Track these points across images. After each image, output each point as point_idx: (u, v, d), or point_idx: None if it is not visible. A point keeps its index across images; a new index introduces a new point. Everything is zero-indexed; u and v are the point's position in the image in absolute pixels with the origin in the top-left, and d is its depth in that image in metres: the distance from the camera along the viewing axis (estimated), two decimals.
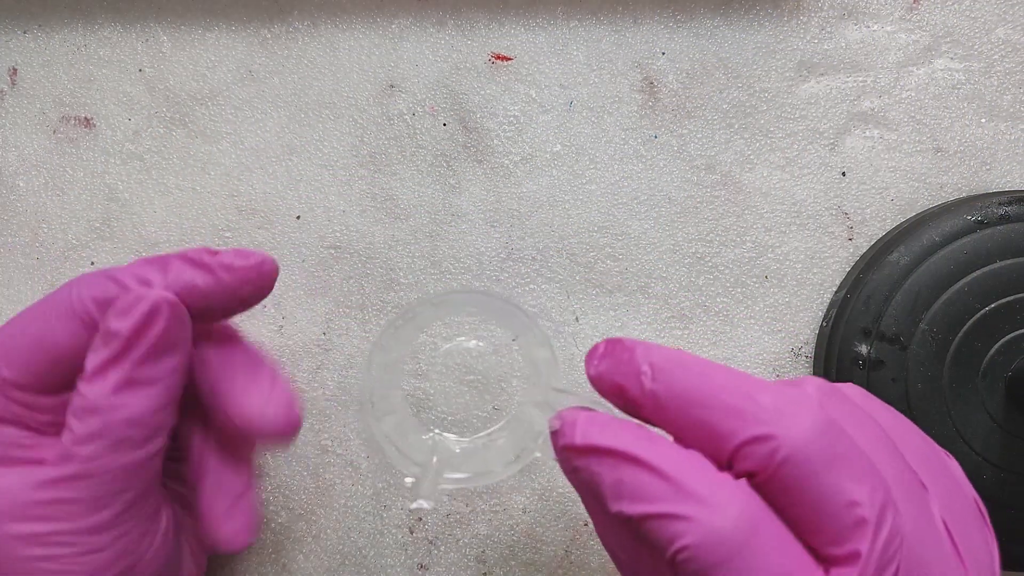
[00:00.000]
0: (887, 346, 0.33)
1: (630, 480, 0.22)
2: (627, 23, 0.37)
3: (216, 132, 0.37)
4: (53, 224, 0.37)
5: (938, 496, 0.23)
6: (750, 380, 0.22)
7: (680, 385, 0.22)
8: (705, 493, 0.21)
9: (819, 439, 0.21)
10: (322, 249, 0.36)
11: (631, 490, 0.21)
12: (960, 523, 0.23)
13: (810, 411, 0.21)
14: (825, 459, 0.20)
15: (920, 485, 0.23)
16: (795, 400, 0.21)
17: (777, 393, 0.21)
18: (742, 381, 0.22)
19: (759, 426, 0.21)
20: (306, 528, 0.35)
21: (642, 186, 0.37)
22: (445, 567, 0.35)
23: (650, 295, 0.36)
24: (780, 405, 0.21)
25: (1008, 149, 0.36)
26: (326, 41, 0.37)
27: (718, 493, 0.21)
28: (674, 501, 0.21)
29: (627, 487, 0.22)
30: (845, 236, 0.36)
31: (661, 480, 0.21)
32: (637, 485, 0.21)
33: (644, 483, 0.21)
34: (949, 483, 0.24)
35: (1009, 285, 0.33)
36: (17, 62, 0.38)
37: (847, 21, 0.37)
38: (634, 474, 0.22)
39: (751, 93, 0.37)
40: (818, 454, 0.20)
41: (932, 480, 0.23)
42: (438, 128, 0.37)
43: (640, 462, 0.22)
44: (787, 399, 0.21)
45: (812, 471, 0.20)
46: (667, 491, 0.21)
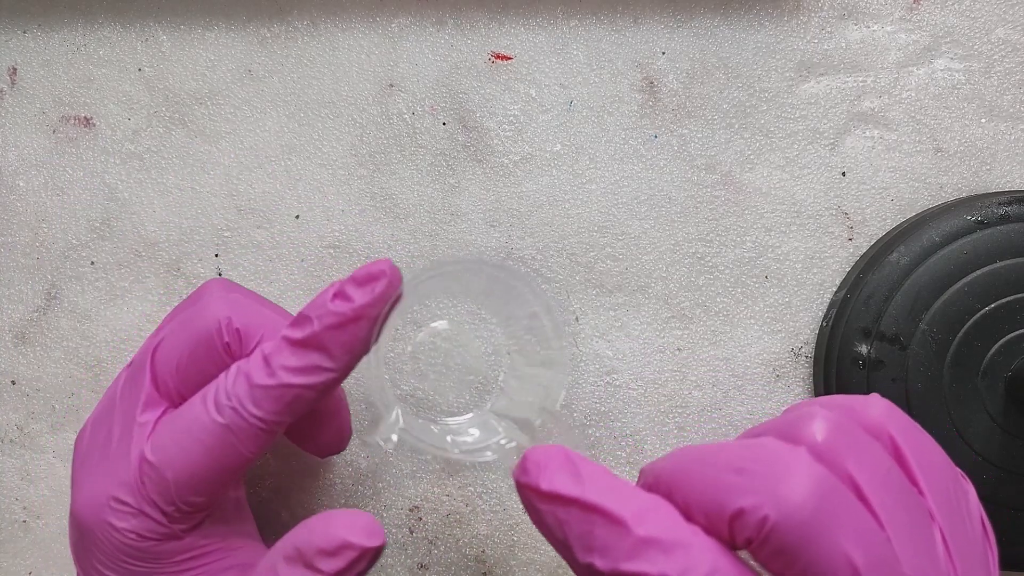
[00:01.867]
0: (887, 346, 0.33)
1: (601, 534, 0.21)
2: (627, 23, 0.37)
3: (215, 132, 0.37)
4: (53, 224, 0.37)
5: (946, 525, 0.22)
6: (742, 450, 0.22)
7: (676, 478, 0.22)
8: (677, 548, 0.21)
9: (809, 502, 0.20)
10: (321, 249, 0.36)
11: (601, 545, 0.21)
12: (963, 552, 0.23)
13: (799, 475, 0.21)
14: (815, 522, 0.20)
15: (927, 519, 0.22)
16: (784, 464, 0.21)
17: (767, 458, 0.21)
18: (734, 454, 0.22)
19: (747, 497, 0.20)
20: None
21: (642, 186, 0.37)
22: (445, 567, 0.35)
23: (650, 295, 0.36)
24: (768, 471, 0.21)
25: (1008, 149, 0.36)
26: (326, 40, 0.37)
27: (690, 547, 0.21)
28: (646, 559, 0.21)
29: (598, 542, 0.21)
30: (845, 236, 0.36)
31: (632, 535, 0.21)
32: (607, 540, 0.21)
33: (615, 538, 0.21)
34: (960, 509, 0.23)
35: (1009, 285, 0.33)
36: (17, 62, 0.38)
37: (847, 21, 0.37)
38: (604, 528, 0.21)
39: (751, 93, 0.37)
40: (808, 518, 0.20)
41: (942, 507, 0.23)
42: (438, 128, 0.37)
43: (609, 515, 0.21)
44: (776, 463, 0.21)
45: (803, 536, 0.20)
46: (638, 547, 0.21)
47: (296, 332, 0.26)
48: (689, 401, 0.36)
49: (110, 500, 0.27)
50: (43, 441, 0.36)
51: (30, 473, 0.36)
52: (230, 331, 0.28)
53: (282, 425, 0.27)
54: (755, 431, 0.24)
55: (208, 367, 0.28)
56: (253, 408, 0.26)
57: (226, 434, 0.26)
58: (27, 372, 0.36)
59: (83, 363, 0.36)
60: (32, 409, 0.36)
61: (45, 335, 0.36)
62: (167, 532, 0.27)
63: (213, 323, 0.28)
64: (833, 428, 0.22)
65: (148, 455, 0.26)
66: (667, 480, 0.22)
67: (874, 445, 0.23)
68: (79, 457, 0.29)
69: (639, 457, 0.35)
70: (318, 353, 0.26)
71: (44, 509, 0.36)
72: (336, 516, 0.26)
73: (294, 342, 0.26)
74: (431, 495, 0.35)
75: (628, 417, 0.35)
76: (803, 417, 0.23)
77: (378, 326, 0.26)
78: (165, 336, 0.28)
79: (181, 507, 0.26)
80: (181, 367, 0.28)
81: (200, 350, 0.28)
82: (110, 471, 0.27)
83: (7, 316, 0.37)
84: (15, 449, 0.36)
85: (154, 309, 0.36)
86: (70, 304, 0.36)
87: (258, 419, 0.26)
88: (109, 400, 0.29)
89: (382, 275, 0.26)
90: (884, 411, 0.24)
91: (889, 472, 0.22)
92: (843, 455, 0.22)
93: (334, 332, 0.25)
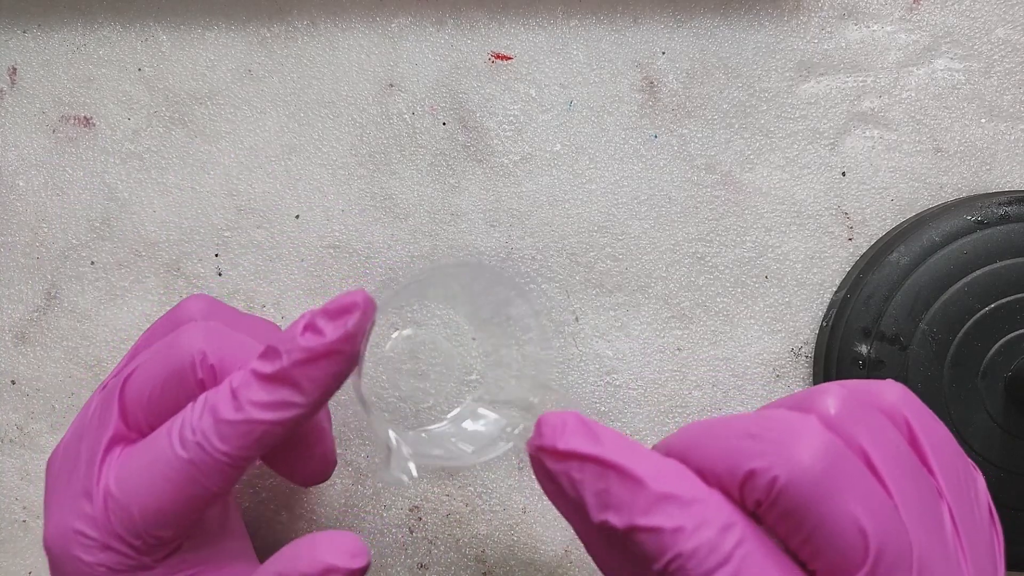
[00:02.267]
0: (887, 346, 0.33)
1: (616, 491, 0.22)
2: (627, 23, 0.37)
3: (215, 131, 0.37)
4: (53, 224, 0.37)
5: (956, 507, 0.23)
6: (748, 418, 0.22)
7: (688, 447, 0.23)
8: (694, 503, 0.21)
9: (818, 464, 0.21)
10: (321, 248, 0.36)
11: (617, 501, 0.21)
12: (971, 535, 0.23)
13: (810, 438, 0.21)
14: (824, 484, 0.20)
15: (936, 497, 0.22)
16: (795, 429, 0.21)
17: (777, 425, 0.21)
18: (746, 422, 0.22)
19: (757, 459, 0.21)
20: (307, 528, 0.35)
21: (642, 186, 0.37)
22: (445, 567, 0.35)
23: (650, 295, 0.36)
24: (779, 436, 0.21)
25: (1008, 149, 0.36)
26: (325, 40, 0.37)
27: (707, 502, 0.21)
28: (663, 512, 0.21)
29: (613, 497, 0.22)
30: (845, 236, 0.36)
31: (648, 491, 0.21)
32: (624, 496, 0.21)
33: (631, 494, 0.21)
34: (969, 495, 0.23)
35: (1009, 285, 0.33)
36: (17, 62, 0.38)
37: (847, 21, 0.37)
38: (620, 484, 0.22)
39: (751, 93, 0.37)
40: (816, 480, 0.20)
41: (952, 490, 0.23)
42: (438, 128, 0.37)
43: (626, 472, 0.22)
44: (787, 430, 0.21)
45: (811, 497, 0.20)
46: (656, 502, 0.21)
47: (265, 366, 0.25)
48: (689, 401, 0.36)
49: (77, 534, 0.26)
50: (43, 441, 0.36)
51: (30, 473, 0.36)
52: (204, 367, 0.27)
53: (250, 460, 0.26)
54: (768, 406, 0.25)
55: (180, 402, 0.27)
56: (219, 443, 0.25)
57: (190, 469, 0.25)
58: (27, 372, 0.36)
59: (83, 363, 0.36)
60: (32, 409, 0.36)
61: (45, 335, 0.36)
62: (136, 563, 0.26)
63: (187, 358, 0.27)
64: (846, 402, 0.23)
65: (113, 489, 0.26)
66: (679, 449, 0.23)
67: (886, 423, 0.23)
68: (49, 484, 0.28)
69: None
70: (288, 388, 0.25)
71: None
72: (321, 539, 0.25)
73: (263, 377, 0.25)
74: (431, 495, 0.35)
75: (628, 417, 0.35)
76: (817, 391, 0.23)
77: (354, 360, 0.26)
78: (139, 366, 0.28)
79: (148, 540, 0.26)
80: (152, 400, 0.27)
81: (172, 384, 0.27)
82: (75, 504, 0.26)
83: (7, 316, 0.37)
84: (15, 449, 0.36)
85: (154, 309, 0.36)
86: (70, 304, 0.36)
87: (224, 454, 0.25)
88: (79, 426, 0.28)
89: (355, 307, 0.25)
90: (900, 395, 0.24)
91: (900, 449, 0.23)
92: (855, 428, 0.22)
93: (304, 367, 0.25)
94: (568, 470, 0.22)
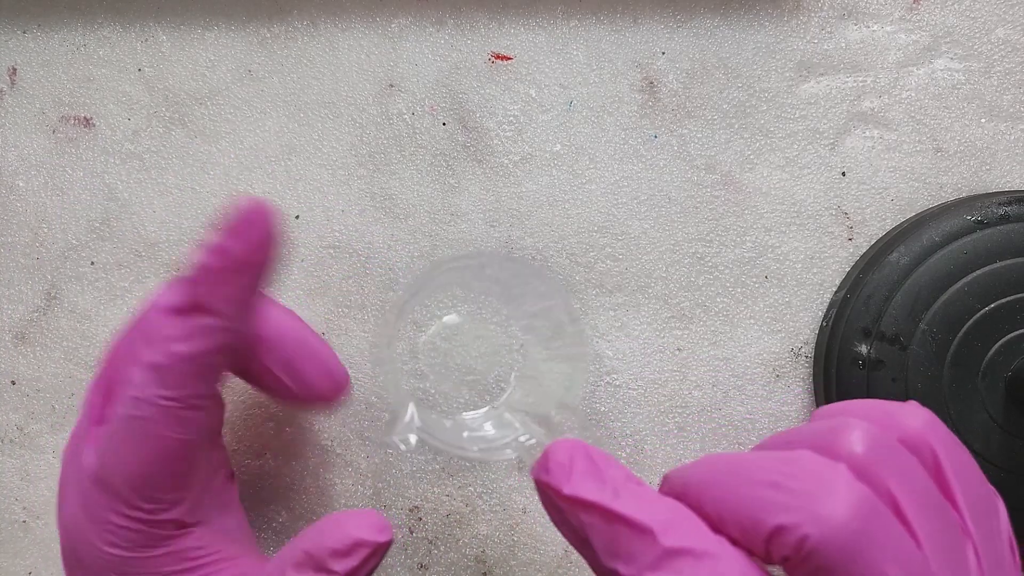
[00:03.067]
0: (887, 346, 0.33)
1: (625, 542, 0.21)
2: (627, 23, 0.37)
3: (215, 132, 0.37)
4: (53, 224, 0.37)
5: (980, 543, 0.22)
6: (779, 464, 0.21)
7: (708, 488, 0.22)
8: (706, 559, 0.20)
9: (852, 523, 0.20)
10: (321, 249, 0.36)
11: (627, 553, 0.21)
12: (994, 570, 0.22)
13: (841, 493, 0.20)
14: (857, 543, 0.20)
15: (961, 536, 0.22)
16: (825, 481, 0.20)
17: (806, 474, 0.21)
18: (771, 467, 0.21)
19: (784, 514, 0.20)
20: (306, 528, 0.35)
21: (642, 186, 0.37)
22: (445, 567, 0.35)
23: (650, 295, 0.36)
24: (808, 488, 0.20)
25: (1008, 149, 0.36)
26: (325, 41, 0.37)
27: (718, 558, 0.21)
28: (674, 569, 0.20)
29: (623, 548, 0.21)
30: (845, 236, 0.36)
31: (658, 545, 0.21)
32: (633, 547, 0.21)
33: (640, 546, 0.21)
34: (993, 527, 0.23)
35: (1009, 285, 0.33)
36: (17, 62, 0.38)
37: (847, 21, 0.37)
38: (628, 536, 0.21)
39: (751, 93, 0.37)
40: (849, 539, 0.20)
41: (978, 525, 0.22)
42: (438, 128, 0.37)
43: (634, 524, 0.21)
44: (816, 481, 0.20)
45: (844, 557, 0.20)
46: (666, 557, 0.20)
47: (173, 298, 0.25)
48: (689, 401, 0.35)
49: (84, 518, 0.26)
50: (43, 441, 0.36)
51: (30, 473, 0.36)
52: None
53: (204, 398, 0.26)
54: (786, 438, 0.24)
55: None
56: (158, 390, 0.25)
57: (147, 425, 0.25)
58: (27, 372, 0.36)
59: (83, 363, 0.36)
60: (32, 409, 0.36)
61: (45, 335, 0.36)
62: (145, 538, 0.26)
63: None
64: (873, 442, 0.22)
65: (96, 469, 0.26)
66: (696, 490, 0.22)
67: (912, 460, 0.22)
68: (62, 474, 0.28)
69: (639, 457, 0.35)
70: (200, 314, 0.25)
71: (44, 509, 0.36)
72: (346, 516, 0.26)
73: (173, 310, 0.25)
74: (431, 495, 0.35)
75: (628, 417, 0.35)
76: (840, 428, 0.22)
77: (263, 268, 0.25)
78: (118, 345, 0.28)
79: (142, 507, 0.26)
80: None
81: None
82: (78, 488, 0.27)
83: (7, 316, 0.36)
84: (15, 449, 0.36)
85: None
86: (70, 304, 0.36)
87: (168, 399, 0.25)
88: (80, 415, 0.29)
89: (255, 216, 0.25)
90: (925, 422, 0.23)
91: (927, 489, 0.22)
92: (883, 471, 0.21)
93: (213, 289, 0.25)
94: (577, 514, 0.22)
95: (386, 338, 0.32)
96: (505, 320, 0.35)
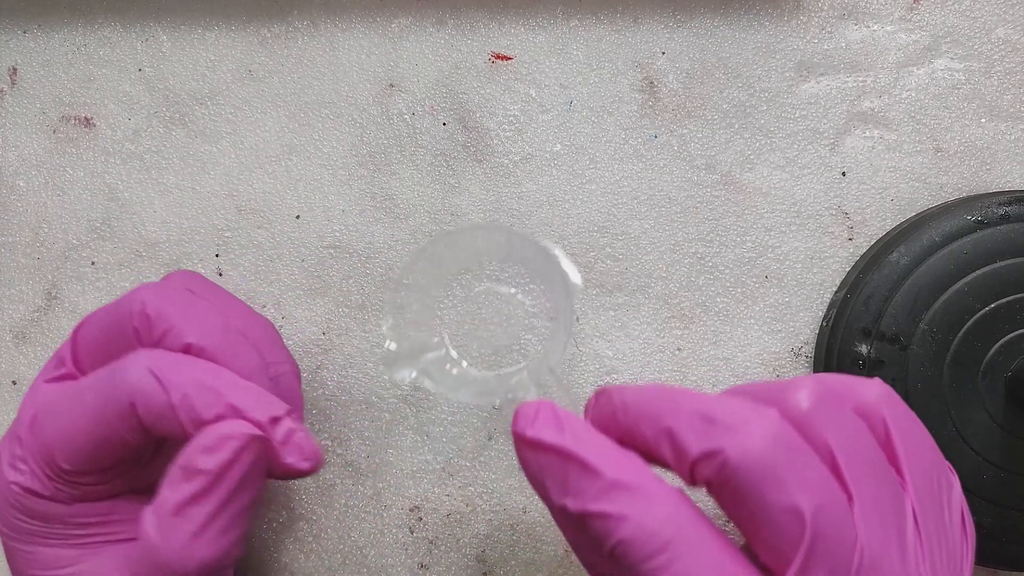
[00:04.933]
0: (887, 346, 0.33)
1: (574, 479, 0.23)
2: (627, 23, 0.37)
3: (216, 132, 0.37)
4: (53, 224, 0.37)
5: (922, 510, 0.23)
6: (709, 400, 0.23)
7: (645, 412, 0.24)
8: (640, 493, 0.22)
9: (766, 452, 0.22)
10: (322, 249, 0.36)
11: (575, 488, 0.23)
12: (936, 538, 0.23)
13: (762, 426, 0.22)
14: (769, 469, 0.21)
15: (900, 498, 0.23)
16: (749, 417, 0.22)
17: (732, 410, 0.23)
18: (701, 402, 0.23)
19: (711, 441, 0.22)
20: (306, 528, 0.35)
21: (642, 186, 0.37)
22: (445, 567, 0.35)
23: (650, 295, 0.36)
24: (733, 421, 0.22)
25: (1008, 149, 0.36)
26: (326, 41, 0.37)
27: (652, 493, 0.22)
28: (611, 500, 0.22)
29: (571, 485, 0.23)
30: (845, 236, 0.36)
31: (601, 480, 0.23)
32: (580, 484, 0.23)
33: (586, 482, 0.23)
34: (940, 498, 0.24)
35: (1009, 285, 0.33)
36: (17, 62, 0.38)
37: (847, 21, 0.37)
38: (578, 473, 0.23)
39: (751, 93, 0.37)
40: (762, 464, 0.21)
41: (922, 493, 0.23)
42: (438, 128, 0.37)
43: (583, 463, 0.23)
44: (741, 415, 0.22)
45: (755, 479, 0.22)
46: (606, 490, 0.22)
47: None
48: None
49: (6, 454, 0.27)
50: None
51: None
52: (141, 316, 0.27)
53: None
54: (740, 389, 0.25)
55: (120, 348, 0.28)
56: None
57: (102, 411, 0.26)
58: (27, 372, 0.36)
59: None
60: None
61: (45, 335, 0.36)
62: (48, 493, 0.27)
63: (128, 307, 0.27)
64: (819, 398, 0.23)
65: (39, 416, 0.27)
66: (635, 412, 0.24)
67: (859, 424, 0.24)
68: None
69: None
70: None
71: None
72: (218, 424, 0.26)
73: None
74: (431, 495, 0.35)
75: None
76: (793, 384, 0.24)
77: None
78: (93, 314, 0.29)
79: (56, 470, 0.27)
80: (97, 344, 0.28)
81: (113, 331, 0.28)
82: (13, 430, 0.28)
83: (7, 316, 0.37)
84: None
85: None
86: (70, 304, 0.36)
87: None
88: None
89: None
90: (881, 394, 0.25)
91: (867, 447, 0.23)
92: (824, 426, 0.23)
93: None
94: (536, 457, 0.24)
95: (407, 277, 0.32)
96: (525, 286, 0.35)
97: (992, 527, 0.32)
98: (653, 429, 0.23)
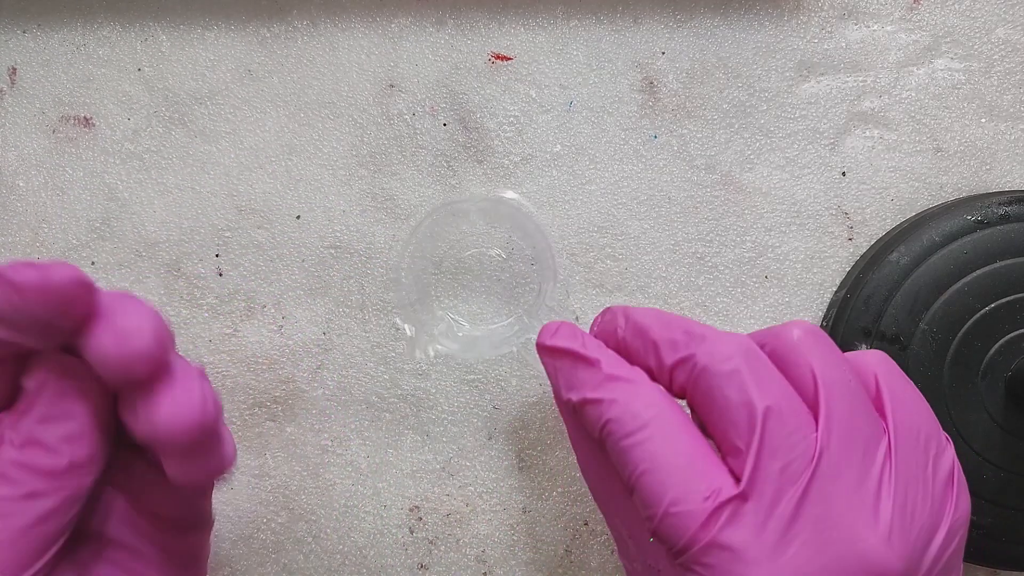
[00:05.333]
0: (887, 346, 0.33)
1: (579, 375, 0.27)
2: (627, 23, 0.37)
3: (215, 132, 0.37)
4: (53, 224, 0.37)
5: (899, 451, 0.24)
6: (695, 323, 0.27)
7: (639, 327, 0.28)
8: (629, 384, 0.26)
9: (732, 357, 0.25)
10: (322, 249, 0.36)
11: (578, 382, 0.27)
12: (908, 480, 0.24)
13: (732, 339, 0.26)
14: (734, 371, 0.25)
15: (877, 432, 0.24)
16: (723, 335, 0.26)
17: (712, 330, 0.26)
18: (688, 323, 0.27)
19: (685, 349, 0.26)
20: (306, 528, 0.35)
21: (642, 186, 0.37)
22: (445, 567, 0.35)
23: (650, 295, 0.36)
24: (708, 335, 0.26)
25: (1008, 149, 0.36)
26: (326, 40, 0.37)
27: (640, 385, 0.26)
28: (606, 390, 0.26)
29: (576, 379, 0.27)
30: (845, 236, 0.36)
31: (599, 375, 0.27)
32: (583, 378, 0.27)
33: (588, 376, 0.27)
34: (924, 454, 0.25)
35: (1009, 285, 0.33)
36: (17, 62, 0.38)
37: (847, 21, 0.37)
38: (583, 370, 0.27)
39: (751, 93, 0.37)
40: (729, 368, 0.25)
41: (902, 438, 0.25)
42: (438, 128, 0.37)
43: (587, 361, 0.27)
44: (717, 333, 0.26)
45: (720, 381, 0.25)
46: (602, 382, 0.27)
47: None
48: None
49: None
50: None
51: None
52: None
53: None
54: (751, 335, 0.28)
55: None
56: None
57: None
58: None
59: None
60: None
61: None
62: None
63: None
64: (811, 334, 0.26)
65: None
66: (632, 328, 0.28)
67: (846, 362, 0.26)
68: None
69: None
70: None
71: None
72: None
73: None
74: (431, 495, 0.35)
75: None
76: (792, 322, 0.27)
77: None
78: None
79: None
80: None
81: None
82: None
83: None
84: None
85: None
86: None
87: None
88: None
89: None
90: (878, 358, 0.27)
91: (850, 383, 0.25)
92: (810, 351, 0.25)
93: None
94: (553, 360, 0.29)
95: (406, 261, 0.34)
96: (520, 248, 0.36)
97: (992, 527, 0.32)
98: (642, 341, 0.27)
